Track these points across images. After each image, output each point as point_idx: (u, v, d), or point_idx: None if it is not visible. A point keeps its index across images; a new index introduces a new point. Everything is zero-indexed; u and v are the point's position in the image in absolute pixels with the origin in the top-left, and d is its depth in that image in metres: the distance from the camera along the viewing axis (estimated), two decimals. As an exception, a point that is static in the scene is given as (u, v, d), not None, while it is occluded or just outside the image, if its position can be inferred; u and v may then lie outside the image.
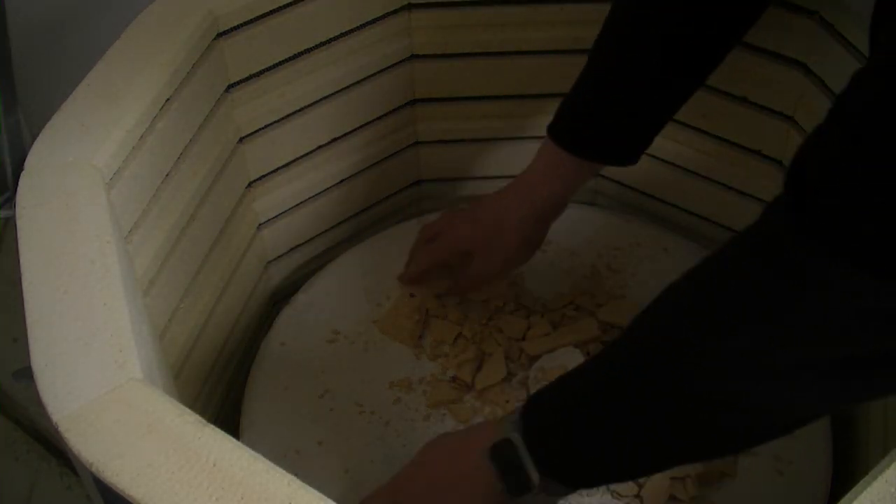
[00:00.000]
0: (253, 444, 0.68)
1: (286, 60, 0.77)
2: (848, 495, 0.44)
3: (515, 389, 0.76)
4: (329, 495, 0.42)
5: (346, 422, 0.74)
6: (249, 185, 0.80)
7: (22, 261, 0.52)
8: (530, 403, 0.58)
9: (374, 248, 0.89)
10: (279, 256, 0.87)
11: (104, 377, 0.47)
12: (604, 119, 0.73)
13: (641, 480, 0.70)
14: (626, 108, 0.72)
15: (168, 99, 0.65)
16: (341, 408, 0.75)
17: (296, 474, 0.43)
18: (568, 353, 0.77)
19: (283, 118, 0.79)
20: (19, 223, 0.54)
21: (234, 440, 0.44)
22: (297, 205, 0.85)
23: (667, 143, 0.86)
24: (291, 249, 0.88)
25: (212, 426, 0.45)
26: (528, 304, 0.82)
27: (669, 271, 0.84)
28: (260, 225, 0.83)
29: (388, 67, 0.84)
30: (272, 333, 0.81)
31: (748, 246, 0.48)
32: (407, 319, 0.80)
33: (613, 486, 0.69)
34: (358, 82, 0.82)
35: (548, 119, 0.74)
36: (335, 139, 0.84)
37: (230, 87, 0.74)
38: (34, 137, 0.60)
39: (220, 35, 0.71)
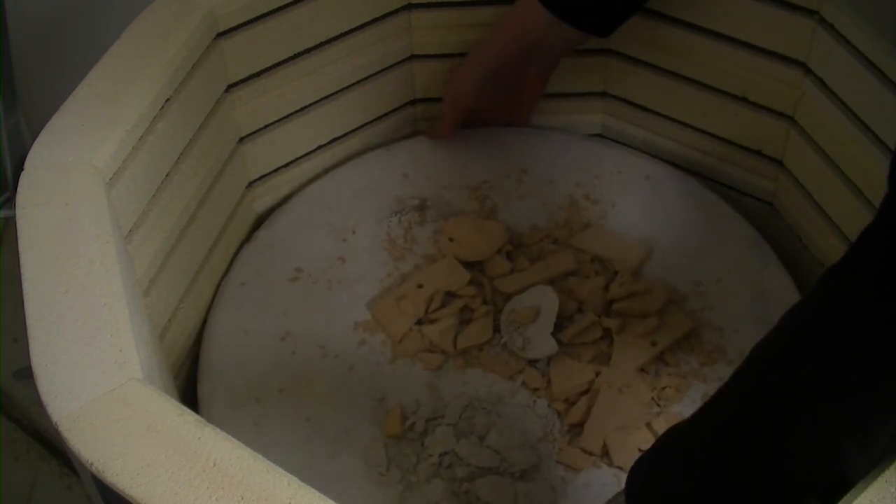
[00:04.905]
0: (211, 394, 0.66)
1: (286, 60, 0.77)
2: (848, 495, 0.44)
3: (494, 347, 0.72)
4: (291, 446, 0.41)
5: (308, 367, 0.71)
6: (249, 185, 0.80)
7: (22, 261, 0.52)
8: None
9: (338, 181, 0.84)
10: (279, 256, 0.87)
11: (104, 377, 0.47)
12: None
13: None
14: None
15: (168, 99, 0.65)
16: (303, 351, 0.72)
17: (256, 425, 0.42)
18: (540, 291, 0.74)
19: (283, 118, 0.79)
20: (19, 223, 0.54)
21: (234, 440, 0.44)
22: (297, 205, 0.85)
23: (667, 142, 0.86)
24: (291, 249, 0.88)
25: (212, 426, 0.45)
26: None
27: (652, 201, 0.81)
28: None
29: (388, 67, 0.84)
30: (232, 274, 0.77)
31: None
32: (404, 316, 0.74)
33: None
34: (358, 82, 0.82)
35: (547, 119, 0.73)
36: (335, 139, 0.84)
37: (230, 87, 0.74)
38: (34, 137, 0.60)
39: (220, 35, 0.71)
